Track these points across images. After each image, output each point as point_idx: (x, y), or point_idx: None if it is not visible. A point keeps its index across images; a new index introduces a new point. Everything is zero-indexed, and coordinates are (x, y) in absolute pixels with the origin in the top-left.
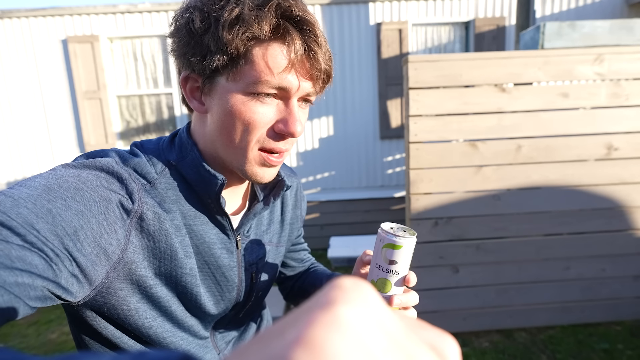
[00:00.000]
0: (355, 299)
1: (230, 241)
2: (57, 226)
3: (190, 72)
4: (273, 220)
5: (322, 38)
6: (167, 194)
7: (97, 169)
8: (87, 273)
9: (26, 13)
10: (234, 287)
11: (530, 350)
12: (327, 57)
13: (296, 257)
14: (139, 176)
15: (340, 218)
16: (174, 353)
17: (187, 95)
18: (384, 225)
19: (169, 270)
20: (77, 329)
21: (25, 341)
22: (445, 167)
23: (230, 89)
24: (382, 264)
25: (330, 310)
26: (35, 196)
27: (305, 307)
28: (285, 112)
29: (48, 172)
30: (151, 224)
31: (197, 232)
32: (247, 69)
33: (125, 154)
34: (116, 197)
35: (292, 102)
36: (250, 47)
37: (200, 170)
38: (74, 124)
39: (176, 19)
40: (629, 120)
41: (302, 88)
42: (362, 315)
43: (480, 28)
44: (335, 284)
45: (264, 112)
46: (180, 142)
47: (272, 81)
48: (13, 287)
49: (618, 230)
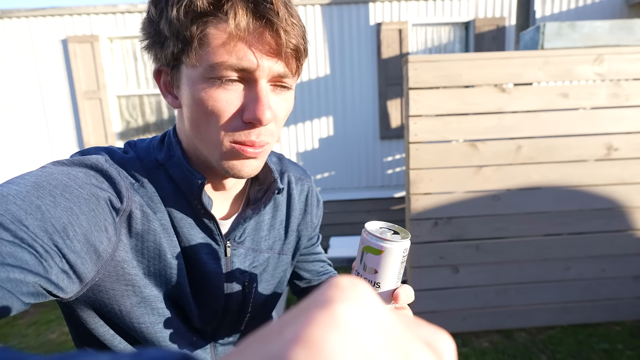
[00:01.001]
0: (353, 297)
1: (219, 247)
2: (46, 222)
3: (160, 64)
4: (275, 226)
5: (282, 9)
6: (156, 194)
7: (86, 166)
8: (77, 270)
9: (26, 13)
10: (221, 295)
11: (530, 351)
12: (295, 30)
13: (309, 268)
14: (127, 175)
15: (340, 218)
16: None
17: (162, 91)
18: (368, 225)
19: (158, 270)
20: (74, 329)
21: (25, 341)
22: (445, 167)
23: (192, 76)
24: (361, 272)
25: (328, 309)
26: (24, 193)
27: (303, 305)
28: (250, 96)
29: (38, 170)
30: (139, 223)
31: (183, 235)
32: (201, 52)
33: (117, 152)
34: (106, 195)
35: (260, 84)
36: (198, 26)
37: (184, 170)
38: (74, 124)
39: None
40: (629, 120)
41: (265, 67)
42: (359, 313)
43: (480, 28)
44: (333, 282)
45: (228, 100)
46: (168, 141)
47: (228, 62)
48: (5, 282)
49: (618, 230)
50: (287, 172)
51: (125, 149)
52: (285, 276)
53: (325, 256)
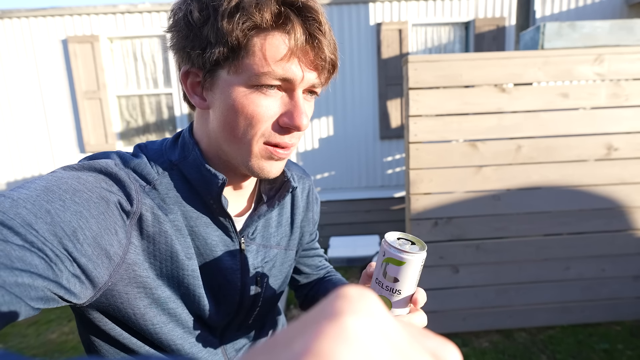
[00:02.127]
0: (361, 309)
1: (234, 243)
2: (55, 226)
3: (191, 66)
4: (282, 223)
5: (326, 26)
6: (168, 195)
7: (96, 170)
8: (89, 274)
9: (26, 13)
10: (237, 290)
11: (530, 351)
12: (332, 46)
13: (309, 262)
14: (138, 177)
15: (340, 218)
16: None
17: (188, 91)
18: (388, 236)
19: (170, 272)
20: (85, 330)
21: (25, 341)
22: (445, 167)
23: (232, 82)
24: (382, 281)
25: (337, 321)
26: (34, 197)
27: (312, 316)
28: (290, 104)
29: (48, 175)
30: (150, 225)
31: (198, 234)
32: (249, 61)
33: (127, 155)
34: (115, 198)
35: (297, 93)
36: (251, 37)
37: (202, 170)
38: (74, 124)
39: (174, 12)
40: (629, 120)
41: (306, 79)
42: (368, 326)
43: (480, 28)
44: (341, 293)
45: (268, 105)
46: (183, 141)
47: (275, 72)
48: (13, 287)
49: (618, 230)
50: (290, 170)
51: (135, 152)
52: (290, 271)
53: (322, 251)
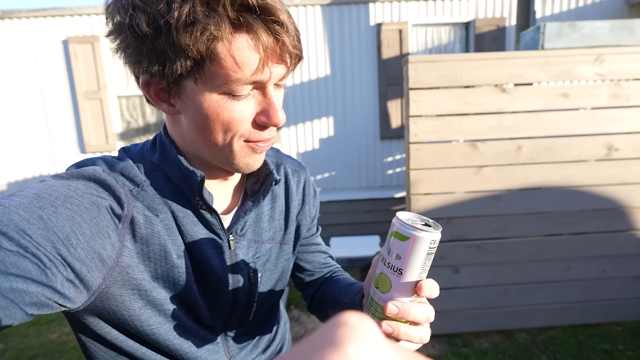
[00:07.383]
0: (361, 337)
1: (222, 241)
2: (49, 232)
3: (150, 77)
4: (274, 217)
5: (287, 22)
6: (156, 196)
7: (85, 178)
8: (83, 278)
9: (27, 14)
10: (228, 288)
11: (530, 351)
12: (295, 40)
13: (310, 259)
14: (126, 180)
15: (341, 218)
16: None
17: (152, 99)
18: (400, 214)
19: (165, 272)
20: (81, 334)
21: (25, 341)
22: (445, 167)
23: (201, 90)
24: (386, 257)
25: (339, 349)
26: (27, 204)
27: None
28: (264, 102)
29: (38, 183)
30: (142, 228)
31: (187, 232)
32: (216, 69)
33: (112, 160)
34: (106, 203)
35: (269, 90)
36: (215, 47)
37: (181, 168)
38: (75, 124)
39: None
40: (629, 120)
41: (275, 74)
42: (368, 354)
43: (480, 28)
44: (342, 321)
45: (243, 109)
46: (160, 142)
47: (245, 78)
48: (8, 292)
49: (618, 230)
50: (283, 164)
51: (120, 156)
52: (288, 266)
53: (326, 248)
